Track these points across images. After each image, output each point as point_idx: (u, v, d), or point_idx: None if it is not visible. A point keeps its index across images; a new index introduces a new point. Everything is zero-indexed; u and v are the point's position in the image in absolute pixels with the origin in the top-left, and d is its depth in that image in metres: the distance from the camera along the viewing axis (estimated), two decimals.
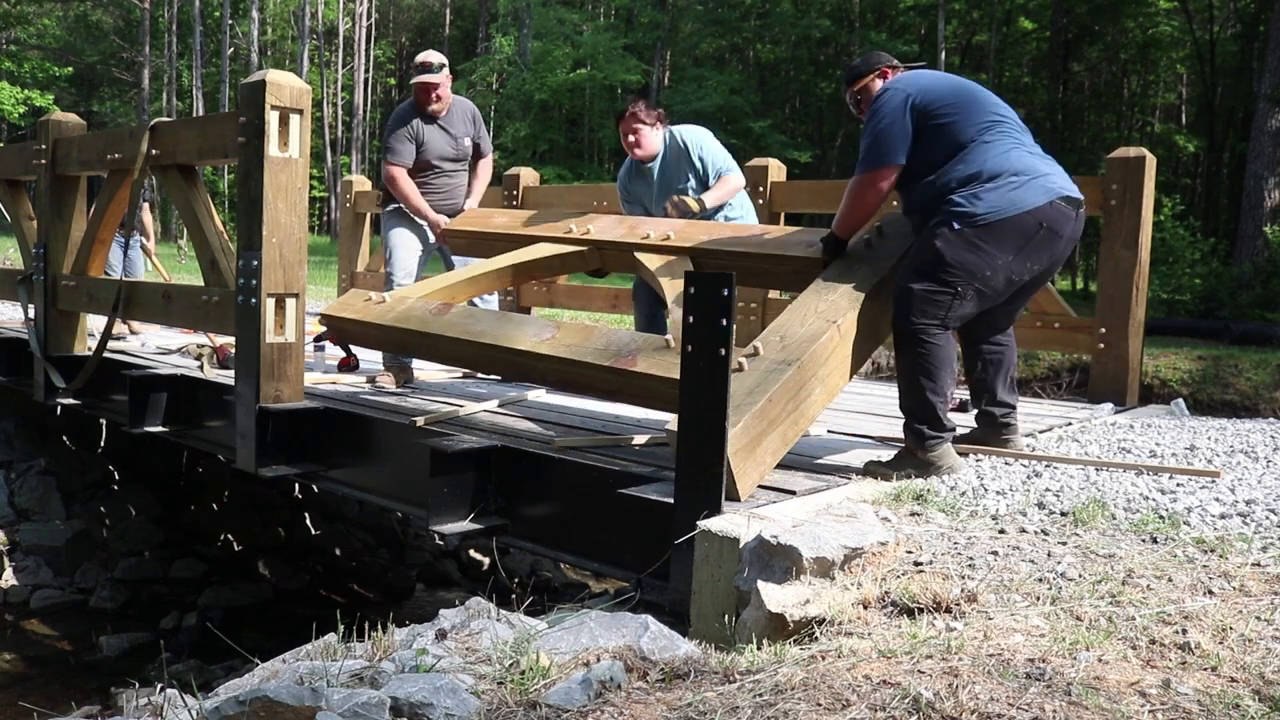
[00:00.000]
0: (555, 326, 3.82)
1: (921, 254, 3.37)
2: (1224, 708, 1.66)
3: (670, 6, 29.76)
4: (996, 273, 3.34)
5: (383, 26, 41.16)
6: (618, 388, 3.57)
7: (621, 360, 3.45)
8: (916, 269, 3.36)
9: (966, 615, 2.09)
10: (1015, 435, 3.77)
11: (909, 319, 3.33)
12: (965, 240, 3.28)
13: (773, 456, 3.10)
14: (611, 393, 3.68)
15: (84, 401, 5.77)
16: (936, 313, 3.32)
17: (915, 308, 3.31)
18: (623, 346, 3.54)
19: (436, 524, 3.57)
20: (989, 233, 3.29)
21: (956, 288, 3.31)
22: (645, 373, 3.37)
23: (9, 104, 26.58)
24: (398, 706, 1.72)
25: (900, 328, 3.36)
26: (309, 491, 7.55)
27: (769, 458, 3.08)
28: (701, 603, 2.66)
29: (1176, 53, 24.79)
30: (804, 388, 3.18)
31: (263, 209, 4.29)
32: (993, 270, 3.32)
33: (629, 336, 3.63)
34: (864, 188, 3.48)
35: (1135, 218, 5.23)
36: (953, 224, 3.30)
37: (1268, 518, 2.84)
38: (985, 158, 3.34)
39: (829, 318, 3.35)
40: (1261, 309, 11.36)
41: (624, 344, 3.55)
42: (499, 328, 3.95)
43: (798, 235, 4.12)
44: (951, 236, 3.29)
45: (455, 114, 5.39)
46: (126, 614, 6.20)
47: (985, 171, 3.31)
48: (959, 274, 3.30)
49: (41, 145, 5.99)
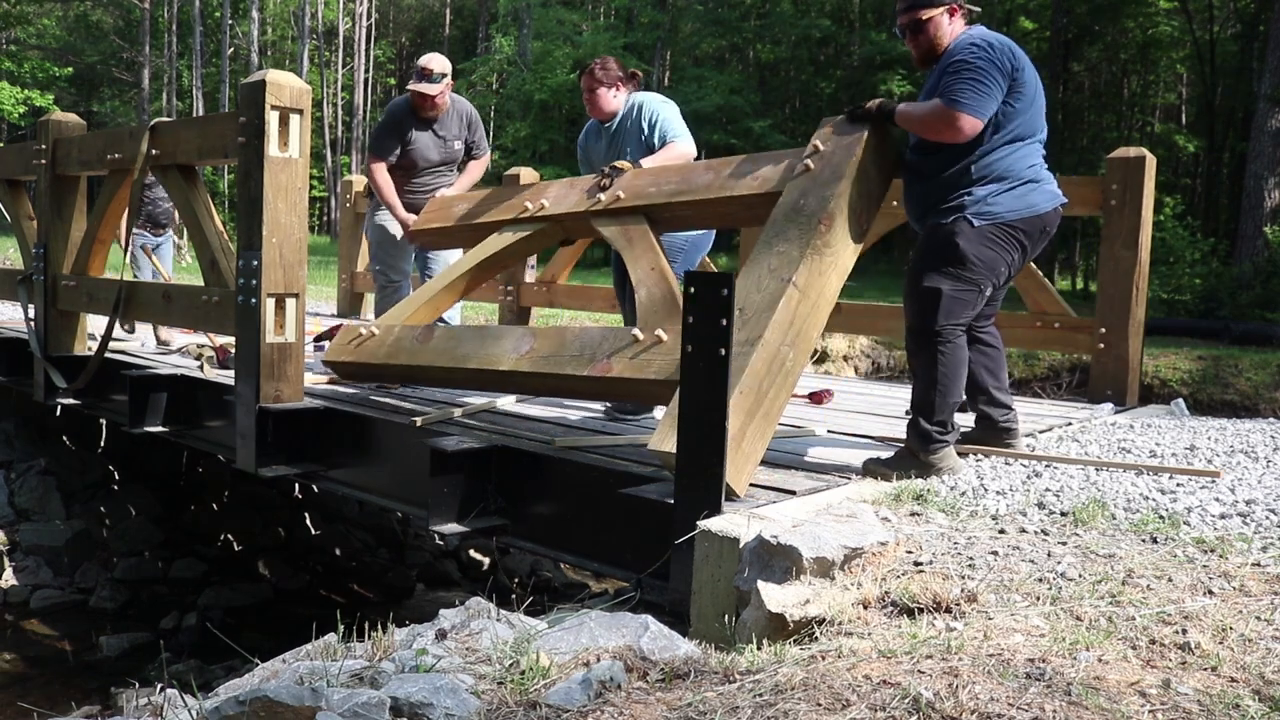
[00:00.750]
0: (532, 336, 3.79)
1: (944, 251, 3.31)
2: (1224, 708, 1.66)
3: (670, 6, 29.75)
4: (1007, 270, 3.40)
5: (383, 26, 41.16)
6: (602, 391, 3.66)
7: (597, 367, 3.45)
8: (942, 268, 3.29)
9: (966, 615, 2.09)
10: (1016, 439, 3.77)
11: (937, 320, 3.27)
12: (984, 237, 3.30)
13: (761, 442, 3.08)
14: (599, 395, 3.79)
15: (84, 401, 5.77)
16: (964, 313, 3.33)
17: (945, 309, 3.27)
18: (596, 350, 3.51)
19: (436, 524, 3.57)
20: (1007, 232, 3.32)
21: (980, 285, 3.33)
22: (622, 377, 3.38)
23: (9, 104, 26.57)
24: (398, 706, 1.72)
25: (924, 327, 3.30)
26: (309, 491, 7.55)
27: (758, 445, 3.06)
28: (701, 603, 2.66)
29: (1176, 53, 24.78)
30: (775, 360, 3.08)
31: (263, 209, 4.29)
32: (1005, 267, 3.38)
33: (599, 337, 3.59)
34: (947, 125, 3.24)
35: (1135, 218, 5.23)
36: (971, 219, 3.28)
37: (1268, 518, 2.84)
38: (1019, 157, 3.34)
39: (783, 276, 3.20)
40: (1261, 309, 11.37)
41: (596, 346, 3.53)
42: (481, 348, 3.92)
43: (741, 166, 3.87)
44: (972, 233, 3.29)
45: (450, 116, 5.38)
46: (126, 614, 6.19)
47: (1014, 173, 3.32)
48: (982, 271, 3.30)
49: (41, 145, 5.99)
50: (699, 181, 3.94)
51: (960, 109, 3.18)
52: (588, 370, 3.47)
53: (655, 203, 4.02)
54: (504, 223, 4.60)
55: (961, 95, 3.18)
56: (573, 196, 4.39)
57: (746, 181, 3.78)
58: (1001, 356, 3.71)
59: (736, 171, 3.86)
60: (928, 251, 3.36)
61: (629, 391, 3.50)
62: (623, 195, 4.14)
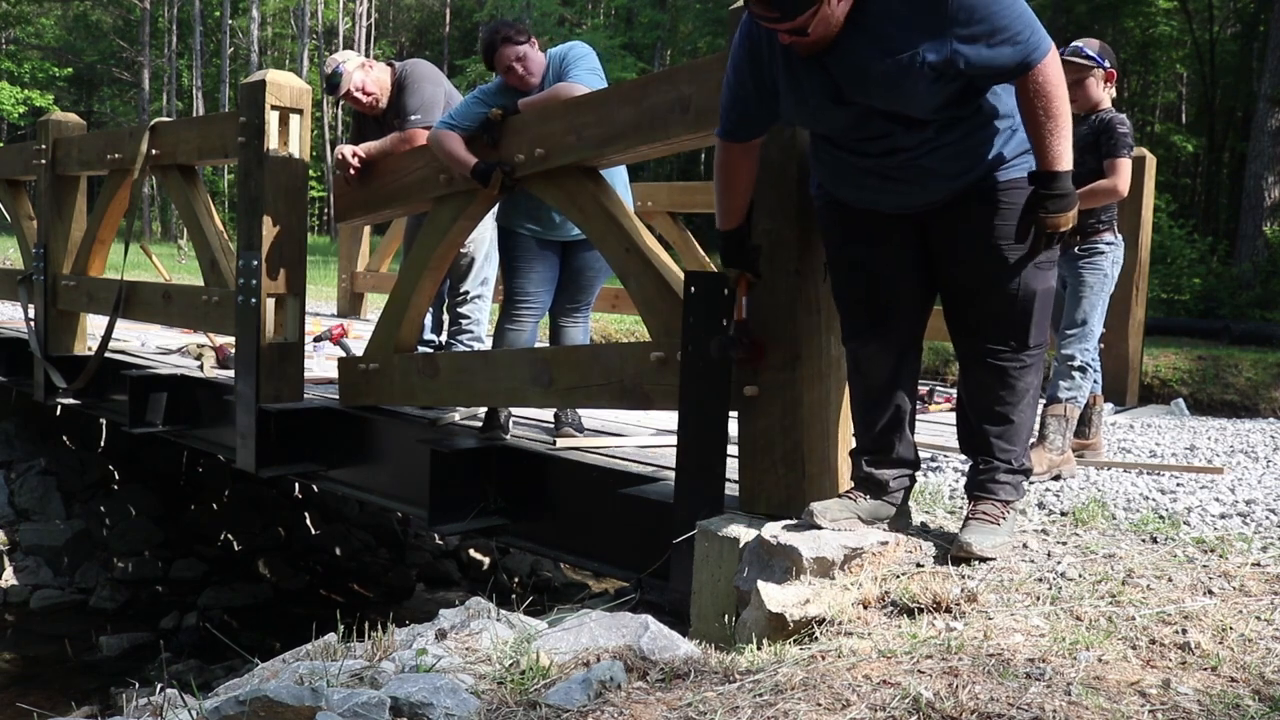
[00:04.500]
0: (546, 364, 3.48)
1: (1025, 237, 2.41)
2: (1224, 708, 1.66)
3: (670, 6, 29.76)
4: None
5: (383, 26, 41.15)
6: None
7: (636, 399, 3.19)
8: (1039, 263, 2.44)
9: (966, 615, 2.09)
10: None
11: (1045, 332, 2.55)
12: None
13: None
14: None
15: (84, 401, 5.78)
16: None
17: (1045, 312, 2.52)
18: (621, 374, 3.22)
19: (436, 524, 3.57)
20: None
21: None
22: (661, 402, 3.13)
23: (9, 104, 26.60)
24: (398, 706, 1.72)
25: (1035, 343, 2.51)
26: (309, 491, 7.54)
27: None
28: (701, 603, 2.66)
29: (1176, 52, 24.77)
30: None
31: (263, 209, 4.29)
32: None
33: (617, 359, 3.28)
34: (1060, 69, 2.34)
35: (1135, 218, 5.23)
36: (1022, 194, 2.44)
37: (1268, 518, 2.84)
38: None
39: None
40: (1261, 309, 11.36)
41: (619, 370, 3.22)
42: (495, 381, 3.68)
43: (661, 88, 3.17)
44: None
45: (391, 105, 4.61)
46: (126, 614, 6.20)
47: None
48: None
49: (41, 145, 5.99)
50: (622, 120, 3.24)
51: (1051, 48, 2.33)
52: (626, 403, 3.24)
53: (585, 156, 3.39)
54: (429, 199, 4.05)
55: (1036, 36, 2.30)
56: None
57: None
58: None
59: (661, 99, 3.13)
60: (1008, 244, 2.44)
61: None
62: (543, 151, 3.47)
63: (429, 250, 3.95)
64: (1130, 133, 3.54)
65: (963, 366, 2.63)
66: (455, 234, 3.92)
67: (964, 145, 2.41)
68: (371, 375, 4.15)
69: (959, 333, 2.59)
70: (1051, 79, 2.30)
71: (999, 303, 2.48)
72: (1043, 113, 2.31)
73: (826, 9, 2.22)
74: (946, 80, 2.29)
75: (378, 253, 9.19)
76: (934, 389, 5.78)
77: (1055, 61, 2.31)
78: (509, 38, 3.75)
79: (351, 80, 4.44)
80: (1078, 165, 3.40)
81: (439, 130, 3.75)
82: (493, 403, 3.80)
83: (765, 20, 2.28)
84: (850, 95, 2.36)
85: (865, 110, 2.37)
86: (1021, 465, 2.59)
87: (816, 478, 2.74)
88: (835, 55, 2.32)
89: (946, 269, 2.55)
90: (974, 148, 2.42)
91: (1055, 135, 2.32)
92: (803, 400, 2.71)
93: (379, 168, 4.26)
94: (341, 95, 4.49)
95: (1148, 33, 24.87)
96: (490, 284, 4.62)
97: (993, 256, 2.45)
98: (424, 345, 4.81)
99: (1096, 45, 3.62)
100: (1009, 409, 2.53)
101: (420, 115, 4.33)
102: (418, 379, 3.96)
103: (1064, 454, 3.46)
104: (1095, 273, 3.61)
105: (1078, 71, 3.53)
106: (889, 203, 2.51)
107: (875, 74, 2.29)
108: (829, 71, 2.35)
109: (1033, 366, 2.54)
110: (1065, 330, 3.64)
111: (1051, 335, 3.04)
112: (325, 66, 4.53)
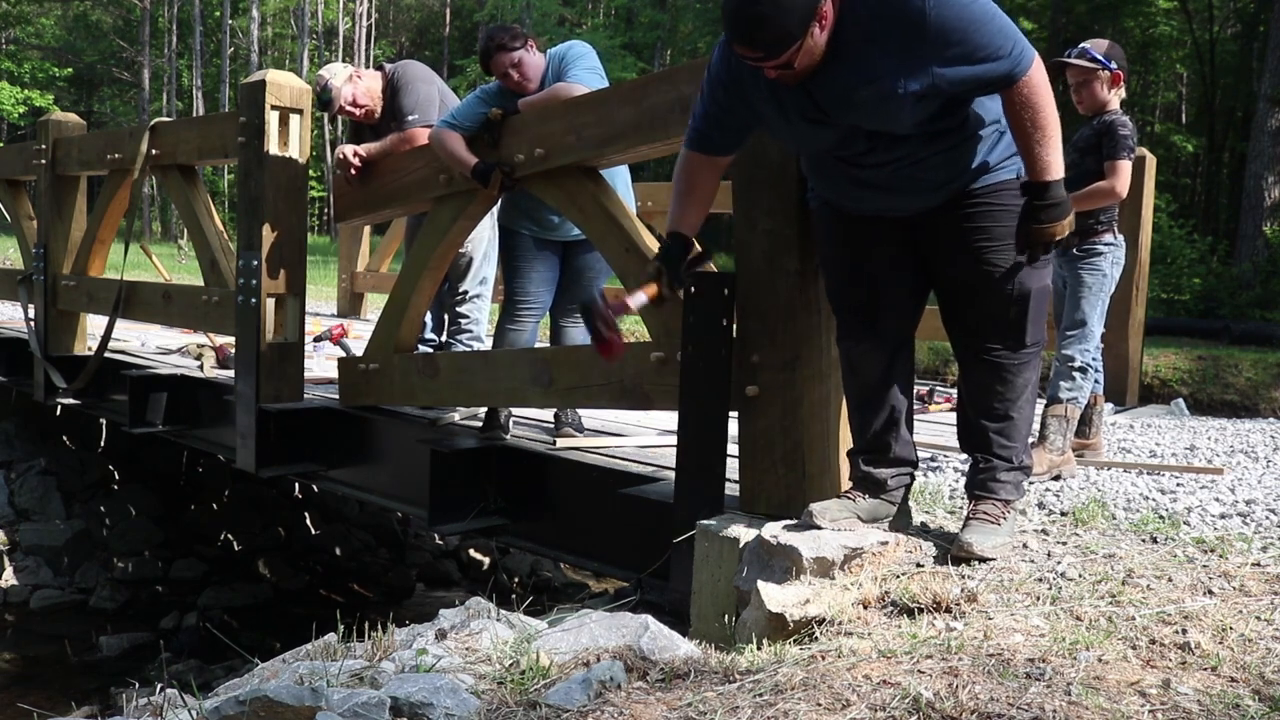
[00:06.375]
0: (546, 363, 3.47)
1: (1022, 248, 2.41)
2: (1224, 708, 1.66)
3: (670, 6, 29.76)
4: None
5: (383, 26, 41.14)
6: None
7: (636, 399, 3.18)
8: (1033, 263, 2.45)
9: (966, 615, 2.09)
10: None
11: (1041, 329, 2.56)
12: None
13: None
14: None
15: (84, 401, 5.78)
16: None
17: (1041, 310, 2.54)
18: (622, 375, 3.19)
19: (436, 524, 3.57)
20: None
21: None
22: (663, 402, 3.12)
23: (9, 104, 26.61)
24: (398, 706, 1.72)
25: (1032, 340, 2.53)
26: (309, 491, 7.55)
27: None
28: (701, 603, 2.66)
29: (1176, 53, 24.78)
30: None
31: (263, 209, 4.29)
32: None
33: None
34: (1045, 79, 2.31)
35: (1135, 218, 5.23)
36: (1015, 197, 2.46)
37: (1268, 518, 2.84)
38: None
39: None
40: (1261, 309, 11.36)
41: (620, 371, 3.18)
42: (495, 381, 3.68)
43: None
44: None
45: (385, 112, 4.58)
46: (126, 614, 6.20)
47: None
48: None
49: (41, 145, 5.99)
50: (622, 120, 3.24)
51: (1034, 57, 2.31)
52: (626, 403, 3.24)
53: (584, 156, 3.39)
54: (429, 199, 4.03)
55: (1020, 46, 2.29)
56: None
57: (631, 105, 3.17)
58: None
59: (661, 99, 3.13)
60: (1002, 242, 2.45)
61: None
62: (542, 151, 3.46)
63: (429, 250, 3.95)
64: (1133, 135, 3.54)
65: (961, 365, 2.64)
66: (455, 234, 3.92)
67: (952, 154, 2.41)
68: (371, 375, 4.14)
69: (956, 332, 2.60)
70: (1037, 89, 2.28)
71: (995, 303, 2.48)
72: (1030, 123, 2.29)
73: (809, 41, 2.21)
74: (930, 99, 2.28)
75: (378, 253, 9.20)
76: (934, 389, 5.79)
77: (1040, 71, 2.29)
78: (503, 44, 3.74)
79: (342, 96, 4.43)
80: (1079, 166, 3.41)
81: (440, 130, 3.76)
82: (493, 403, 3.81)
83: (751, 60, 2.27)
84: (835, 118, 2.36)
85: (851, 129, 2.38)
86: (1021, 462, 2.60)
87: (816, 478, 2.74)
88: (818, 81, 2.31)
89: (941, 270, 2.55)
90: (962, 155, 2.42)
91: (1044, 145, 2.30)
92: (803, 400, 2.71)
93: (379, 168, 4.26)
94: (335, 112, 4.49)
95: (1148, 33, 24.87)
96: (489, 283, 4.63)
97: (987, 258, 2.45)
98: (424, 345, 4.82)
99: (1104, 46, 3.61)
100: (1008, 405, 2.54)
101: (417, 114, 4.33)
102: (418, 379, 3.95)
103: (1064, 454, 3.46)
104: (1094, 273, 3.61)
105: (1083, 73, 3.53)
106: (881, 207, 2.52)
107: (858, 99, 2.28)
108: (813, 96, 2.34)
109: (1030, 363, 2.55)
110: (1065, 331, 3.64)
111: (1051, 334, 3.04)
112: (315, 84, 4.51)
